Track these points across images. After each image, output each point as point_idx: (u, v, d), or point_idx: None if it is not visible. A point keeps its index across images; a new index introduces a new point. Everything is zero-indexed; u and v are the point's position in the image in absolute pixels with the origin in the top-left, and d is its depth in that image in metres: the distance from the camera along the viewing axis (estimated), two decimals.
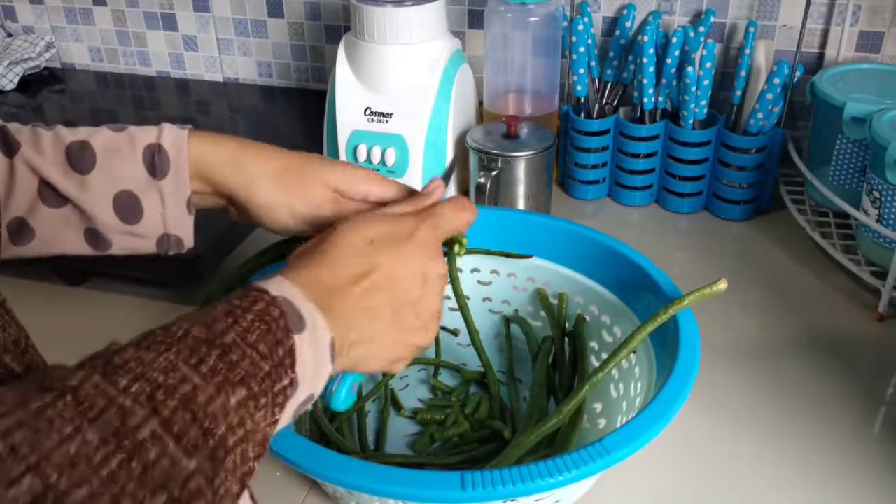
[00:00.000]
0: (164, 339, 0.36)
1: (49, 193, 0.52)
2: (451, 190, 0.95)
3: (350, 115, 0.91)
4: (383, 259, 0.47)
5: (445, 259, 0.52)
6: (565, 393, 0.66)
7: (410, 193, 0.57)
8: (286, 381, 0.38)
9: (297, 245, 0.49)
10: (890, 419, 0.67)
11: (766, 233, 0.92)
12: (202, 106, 1.19)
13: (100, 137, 0.53)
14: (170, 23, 1.23)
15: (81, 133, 0.53)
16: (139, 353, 0.34)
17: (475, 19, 1.08)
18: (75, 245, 0.54)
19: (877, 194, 0.79)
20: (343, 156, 0.92)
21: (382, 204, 0.56)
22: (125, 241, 0.55)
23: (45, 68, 1.31)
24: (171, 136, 0.54)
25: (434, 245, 0.50)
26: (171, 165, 0.53)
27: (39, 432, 0.29)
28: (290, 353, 0.39)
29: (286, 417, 0.40)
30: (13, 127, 0.53)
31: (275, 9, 1.16)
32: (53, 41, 1.30)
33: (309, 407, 0.43)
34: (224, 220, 0.59)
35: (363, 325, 0.45)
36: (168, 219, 0.55)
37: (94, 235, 0.54)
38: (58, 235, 0.54)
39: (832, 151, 0.87)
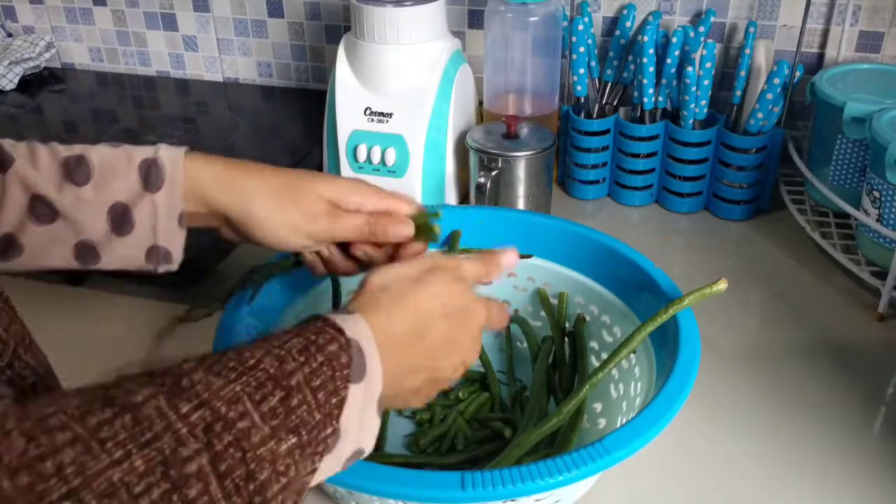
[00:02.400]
0: (236, 367, 0.36)
1: (40, 210, 0.52)
2: (452, 190, 0.95)
3: (350, 115, 0.91)
4: (445, 333, 0.47)
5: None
6: (565, 393, 0.66)
7: (407, 202, 0.58)
8: (329, 431, 0.38)
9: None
10: (890, 419, 0.67)
11: (766, 233, 0.92)
12: (202, 106, 1.19)
13: (97, 152, 0.54)
14: (170, 23, 1.23)
15: (77, 149, 0.54)
16: (208, 378, 0.34)
17: (475, 19, 1.08)
18: (63, 260, 0.54)
19: (877, 194, 0.79)
20: (343, 156, 0.92)
21: (384, 214, 0.57)
22: (115, 253, 0.54)
23: (45, 68, 1.31)
24: (168, 153, 0.54)
25: (480, 338, 0.51)
26: (166, 179, 0.53)
27: (90, 452, 0.29)
28: (341, 403, 0.39)
29: (330, 469, 0.40)
30: (7, 143, 0.53)
31: (275, 9, 1.16)
32: (53, 41, 1.30)
33: (359, 459, 0.43)
34: None
35: (401, 381, 0.46)
36: (159, 231, 0.54)
37: (83, 250, 0.54)
38: (46, 251, 0.53)
39: (832, 151, 0.87)
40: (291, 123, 1.11)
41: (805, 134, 0.99)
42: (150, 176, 0.53)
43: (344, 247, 0.59)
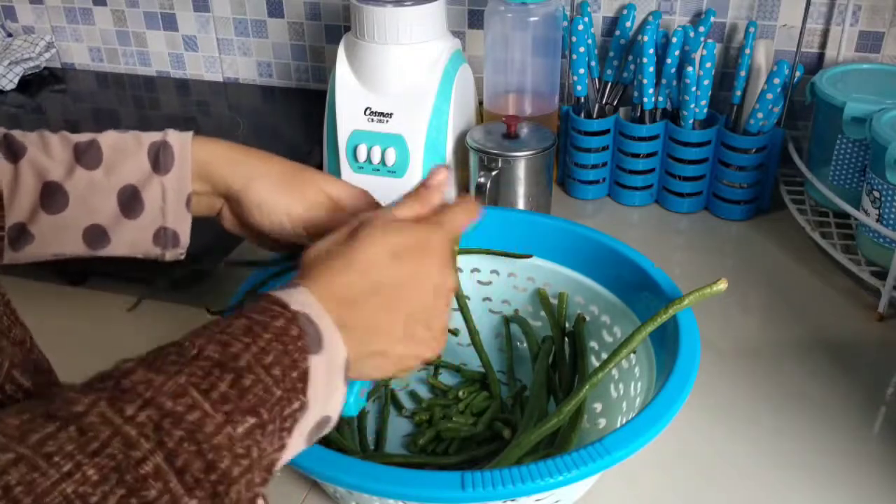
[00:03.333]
0: (177, 360, 0.35)
1: (51, 198, 0.53)
2: (452, 191, 0.95)
3: (350, 115, 0.91)
4: (402, 273, 0.45)
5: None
6: (565, 393, 0.66)
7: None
8: (296, 405, 0.37)
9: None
10: (890, 419, 0.67)
11: (766, 233, 0.92)
12: (202, 106, 1.19)
13: (107, 137, 0.54)
14: (170, 23, 1.23)
15: (88, 135, 0.54)
16: (149, 376, 0.33)
17: (475, 19, 1.08)
18: (73, 247, 0.54)
19: (877, 194, 0.79)
20: (343, 156, 0.92)
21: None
22: (124, 236, 0.55)
23: (45, 68, 1.31)
24: (177, 136, 0.55)
25: (448, 257, 0.49)
26: (175, 161, 0.54)
27: (37, 469, 0.28)
28: (304, 376, 0.38)
29: (297, 442, 0.39)
30: (18, 133, 0.53)
31: (275, 9, 1.16)
32: (53, 41, 1.30)
33: (327, 431, 0.42)
34: None
35: (377, 338, 0.44)
36: (167, 212, 0.55)
37: (92, 234, 0.54)
38: (56, 238, 0.54)
39: (832, 151, 0.87)
40: (291, 123, 1.11)
41: (805, 134, 0.99)
42: (160, 158, 0.54)
43: None
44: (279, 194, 0.55)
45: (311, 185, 0.56)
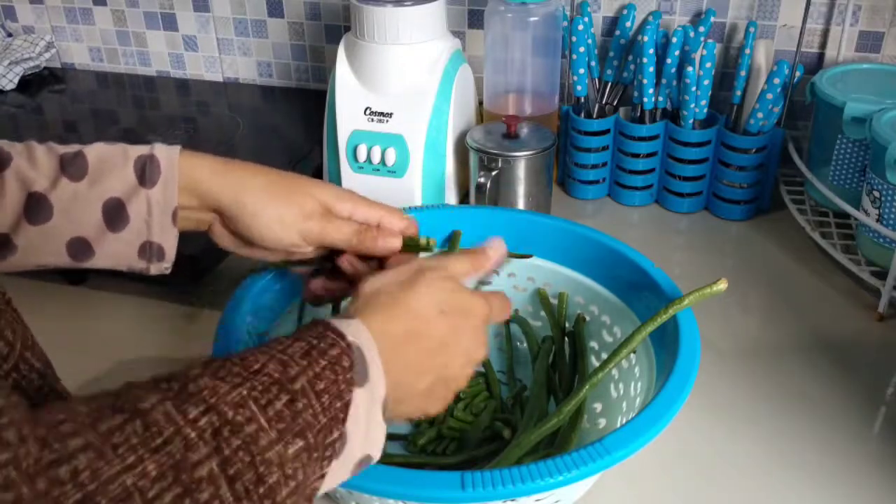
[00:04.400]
0: (240, 372, 0.36)
1: (35, 209, 0.52)
2: (452, 190, 0.95)
3: (350, 115, 0.91)
4: (445, 329, 0.47)
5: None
6: (565, 393, 0.66)
7: (398, 216, 0.59)
8: (336, 435, 0.39)
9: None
10: (890, 419, 0.67)
11: (766, 233, 0.92)
12: (202, 106, 1.19)
13: (93, 149, 0.54)
14: (170, 23, 1.23)
15: (74, 146, 0.54)
16: (214, 383, 0.34)
17: (475, 19, 1.08)
18: (56, 258, 0.54)
19: (877, 194, 0.79)
20: (343, 156, 0.92)
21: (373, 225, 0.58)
22: (108, 249, 0.54)
23: (45, 68, 1.31)
24: (164, 150, 0.54)
25: (485, 333, 0.51)
26: (161, 175, 0.54)
27: (103, 457, 0.29)
28: (346, 407, 0.39)
29: (338, 475, 0.40)
30: (4, 142, 0.53)
31: (275, 9, 1.16)
32: (53, 41, 1.30)
33: (368, 466, 0.43)
34: None
35: (408, 387, 0.46)
36: (153, 226, 0.54)
37: (75, 246, 0.54)
38: (39, 249, 0.53)
39: (832, 151, 0.87)
40: (291, 123, 1.11)
41: (805, 134, 0.99)
42: (146, 171, 0.53)
43: (332, 271, 0.60)
44: (271, 204, 0.55)
45: (301, 192, 0.56)
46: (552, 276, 0.70)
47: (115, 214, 0.53)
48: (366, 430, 0.41)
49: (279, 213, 0.55)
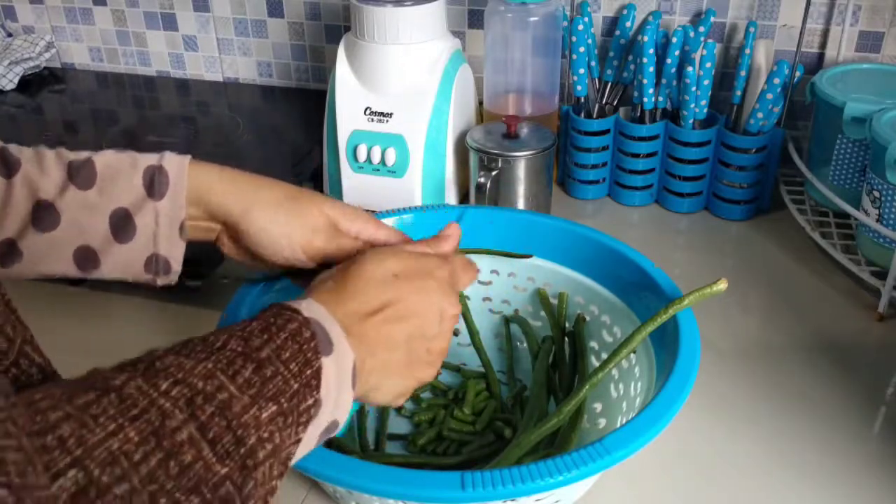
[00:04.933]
0: (204, 349, 0.37)
1: (42, 216, 0.52)
2: (452, 190, 0.95)
3: (350, 115, 0.91)
4: (406, 292, 0.48)
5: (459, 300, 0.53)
6: (565, 393, 0.66)
7: (403, 238, 0.59)
8: (310, 401, 0.39)
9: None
10: (890, 419, 0.67)
11: (766, 233, 0.92)
12: (202, 106, 1.19)
13: (102, 157, 0.54)
14: (170, 23, 1.23)
15: (83, 154, 0.54)
16: (179, 360, 0.35)
17: (475, 19, 1.08)
18: (62, 267, 0.54)
19: (877, 194, 0.79)
20: (343, 156, 0.92)
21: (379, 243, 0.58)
22: (114, 260, 0.54)
23: (45, 68, 1.31)
24: (173, 161, 0.54)
25: (452, 285, 0.52)
26: (170, 187, 0.53)
27: (85, 426, 0.30)
28: (317, 374, 0.40)
29: (309, 440, 0.41)
30: (13, 147, 0.53)
31: (275, 9, 1.16)
32: (53, 41, 1.30)
33: (334, 434, 0.44)
34: None
35: (380, 353, 0.46)
36: (160, 238, 0.54)
37: (82, 255, 0.53)
38: (45, 258, 0.53)
39: (832, 151, 0.87)
40: (291, 123, 1.11)
41: (805, 134, 0.99)
42: (154, 183, 0.53)
43: None
44: (279, 220, 0.55)
45: (310, 208, 0.56)
46: (552, 276, 0.70)
47: (122, 225, 0.53)
48: (336, 399, 0.42)
49: (287, 229, 0.55)
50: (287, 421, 0.38)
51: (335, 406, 0.42)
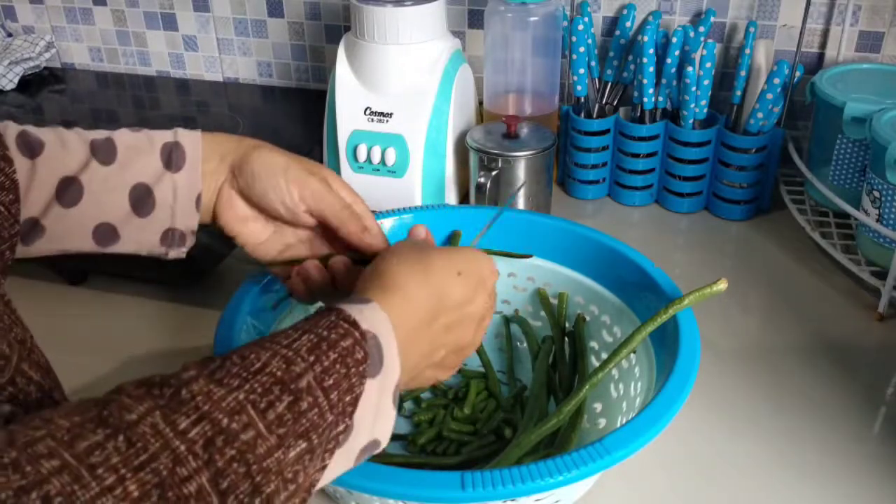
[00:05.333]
0: (239, 372, 0.34)
1: (66, 192, 0.53)
2: (452, 190, 0.95)
3: (350, 115, 0.91)
4: (464, 294, 0.47)
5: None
6: (565, 393, 0.66)
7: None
8: (341, 428, 0.37)
9: None
10: (890, 419, 0.67)
11: (766, 233, 0.92)
12: (202, 106, 1.19)
13: (121, 135, 0.55)
14: (170, 22, 1.23)
15: (103, 132, 0.55)
16: (209, 387, 0.33)
17: (475, 19, 1.08)
18: (82, 242, 0.55)
19: (877, 194, 0.79)
20: (343, 155, 0.92)
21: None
22: (133, 235, 0.55)
23: (45, 68, 1.31)
24: (187, 135, 0.56)
25: (495, 293, 0.52)
26: (187, 160, 0.55)
27: (79, 480, 0.28)
28: (356, 400, 0.38)
29: (342, 464, 0.39)
30: (32, 129, 0.53)
31: (275, 9, 1.16)
32: (53, 41, 1.30)
33: (376, 452, 0.42)
34: None
35: (424, 362, 0.46)
36: (177, 212, 0.56)
37: (102, 231, 0.55)
38: (67, 233, 0.54)
39: (832, 151, 0.87)
40: (291, 123, 1.11)
41: (805, 134, 0.99)
42: (172, 157, 0.55)
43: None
44: (280, 157, 0.56)
45: (307, 161, 0.57)
46: (552, 276, 0.70)
47: (142, 200, 0.54)
48: (374, 419, 0.40)
49: (286, 165, 0.56)
50: (314, 455, 0.35)
51: (372, 427, 0.40)
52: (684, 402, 0.50)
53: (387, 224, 0.70)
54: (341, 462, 0.39)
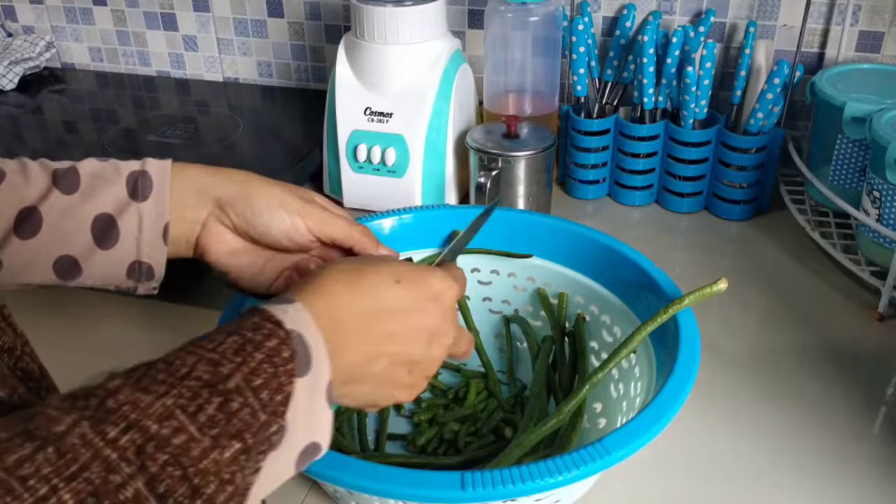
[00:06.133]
0: (166, 379, 0.34)
1: (24, 222, 0.51)
2: (452, 190, 0.95)
3: (350, 115, 0.91)
4: (403, 302, 0.45)
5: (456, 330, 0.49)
6: (565, 393, 0.66)
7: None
8: (274, 428, 0.36)
9: None
10: (890, 419, 0.67)
11: (766, 233, 0.92)
12: (202, 106, 1.19)
13: (86, 164, 0.53)
14: (170, 22, 1.23)
15: (67, 162, 0.53)
16: (136, 395, 0.32)
17: (475, 19, 1.08)
18: (42, 276, 0.53)
19: (877, 194, 0.79)
20: (343, 155, 0.92)
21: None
22: (96, 268, 0.53)
23: (45, 68, 1.31)
24: (155, 164, 0.54)
25: (453, 310, 0.48)
26: (154, 189, 0.52)
27: (11, 492, 0.27)
28: (286, 399, 0.37)
29: (280, 468, 0.38)
30: None
31: (275, 8, 1.16)
32: (53, 41, 1.30)
33: (318, 457, 0.40)
34: None
35: (360, 368, 0.44)
36: (142, 244, 0.53)
37: (63, 265, 0.52)
38: (25, 267, 0.52)
39: (832, 151, 0.87)
40: (291, 123, 1.11)
41: (805, 134, 0.99)
42: (138, 185, 0.52)
43: None
44: (274, 189, 0.54)
45: (298, 188, 0.56)
46: (552, 275, 0.70)
47: (105, 231, 0.52)
48: (307, 419, 0.39)
49: (282, 197, 0.54)
50: (250, 455, 0.35)
51: (307, 429, 0.39)
52: (684, 402, 0.50)
53: (386, 224, 0.70)
54: (280, 467, 0.38)
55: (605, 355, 0.63)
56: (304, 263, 0.57)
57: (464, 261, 0.72)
